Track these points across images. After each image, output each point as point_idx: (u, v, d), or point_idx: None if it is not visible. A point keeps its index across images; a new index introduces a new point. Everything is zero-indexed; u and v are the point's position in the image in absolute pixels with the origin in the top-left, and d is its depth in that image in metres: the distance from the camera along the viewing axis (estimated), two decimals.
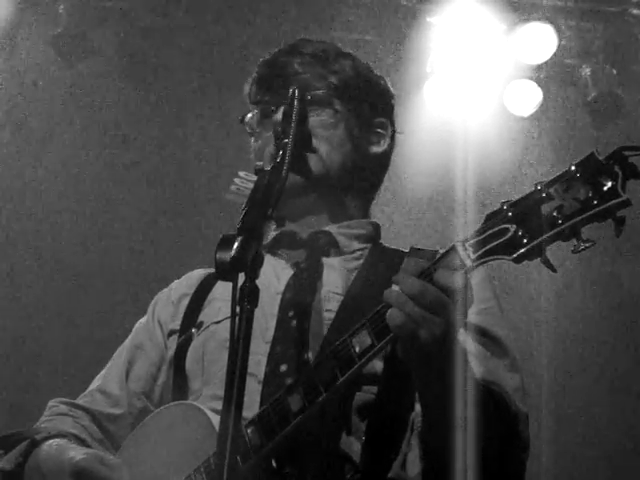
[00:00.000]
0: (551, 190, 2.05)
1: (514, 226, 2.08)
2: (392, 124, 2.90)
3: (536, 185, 2.09)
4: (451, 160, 4.33)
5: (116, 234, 6.05)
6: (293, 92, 2.54)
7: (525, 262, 2.09)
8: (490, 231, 2.11)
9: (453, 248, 2.14)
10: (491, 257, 2.11)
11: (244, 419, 1.88)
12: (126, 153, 6.11)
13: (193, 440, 2.41)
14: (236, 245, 1.97)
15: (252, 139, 2.82)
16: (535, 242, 2.05)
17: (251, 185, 2.35)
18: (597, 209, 2.00)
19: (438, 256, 2.18)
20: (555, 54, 5.90)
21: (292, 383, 2.31)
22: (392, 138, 2.89)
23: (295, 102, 2.52)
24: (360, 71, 2.86)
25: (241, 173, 2.49)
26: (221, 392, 2.39)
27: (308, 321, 2.51)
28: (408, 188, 5.40)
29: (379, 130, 2.85)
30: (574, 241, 2.03)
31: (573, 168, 2.05)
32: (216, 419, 2.32)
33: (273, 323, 2.54)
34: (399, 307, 2.12)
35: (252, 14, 5.79)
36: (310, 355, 2.46)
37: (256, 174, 2.37)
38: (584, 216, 2.01)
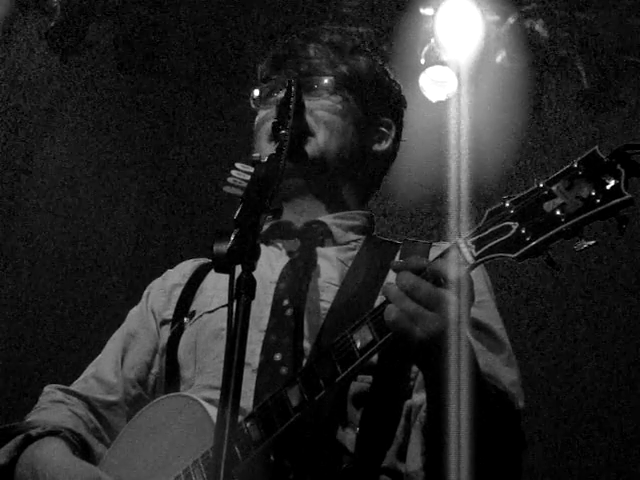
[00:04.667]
0: (553, 187, 2.05)
1: (516, 224, 2.07)
2: (398, 128, 2.90)
3: (537, 182, 2.08)
4: (446, 152, 4.33)
5: (111, 226, 6.06)
6: (290, 82, 2.54)
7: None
8: (492, 228, 2.10)
9: (455, 244, 2.13)
10: (493, 255, 2.10)
11: (240, 410, 1.89)
12: (121, 146, 6.11)
13: (190, 433, 2.40)
14: (233, 237, 1.97)
15: (257, 116, 2.81)
16: (538, 241, 2.04)
17: (248, 177, 2.35)
18: (600, 208, 2.00)
19: (440, 252, 2.17)
20: (548, 44, 5.90)
21: (292, 377, 2.30)
22: (395, 141, 2.89)
23: (293, 92, 2.51)
24: (374, 68, 2.87)
25: (238, 165, 2.48)
26: (215, 382, 2.41)
27: (304, 310, 2.50)
28: (403, 180, 5.40)
29: (383, 129, 2.86)
30: (576, 239, 2.02)
31: (575, 165, 2.04)
32: (213, 411, 2.32)
33: (267, 312, 2.52)
34: (395, 302, 2.12)
35: (247, 8, 5.78)
36: (306, 344, 2.45)
37: (253, 166, 2.37)
38: (587, 215, 2.01)
